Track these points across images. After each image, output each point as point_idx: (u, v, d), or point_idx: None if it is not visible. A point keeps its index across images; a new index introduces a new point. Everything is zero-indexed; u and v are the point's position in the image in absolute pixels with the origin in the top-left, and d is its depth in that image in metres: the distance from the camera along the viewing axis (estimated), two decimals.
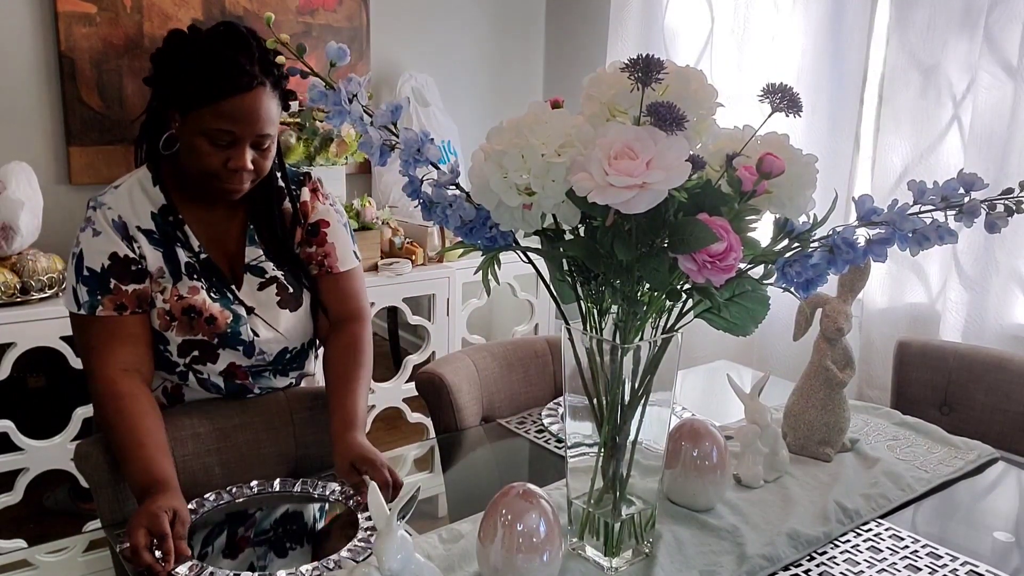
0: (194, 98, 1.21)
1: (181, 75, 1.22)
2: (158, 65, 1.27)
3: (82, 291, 1.25)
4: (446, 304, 2.87)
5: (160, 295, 1.29)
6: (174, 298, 1.29)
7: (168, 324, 1.29)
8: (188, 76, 1.21)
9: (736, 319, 0.94)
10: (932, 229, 0.89)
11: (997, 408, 1.67)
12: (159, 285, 1.29)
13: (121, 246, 1.26)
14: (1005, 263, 2.15)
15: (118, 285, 1.25)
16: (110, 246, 1.26)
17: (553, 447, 1.43)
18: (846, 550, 1.11)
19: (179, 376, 1.36)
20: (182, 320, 1.29)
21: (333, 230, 1.42)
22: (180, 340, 1.30)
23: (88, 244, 1.26)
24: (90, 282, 1.25)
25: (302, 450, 1.38)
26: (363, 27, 3.20)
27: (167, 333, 1.30)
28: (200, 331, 1.30)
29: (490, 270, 0.96)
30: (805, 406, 1.36)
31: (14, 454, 2.15)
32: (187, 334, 1.30)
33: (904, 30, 2.30)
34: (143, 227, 1.28)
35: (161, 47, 1.27)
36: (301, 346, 1.43)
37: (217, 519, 1.16)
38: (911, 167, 2.33)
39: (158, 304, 1.29)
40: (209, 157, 1.23)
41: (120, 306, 1.25)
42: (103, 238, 1.26)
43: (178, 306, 1.29)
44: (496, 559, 0.94)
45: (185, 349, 1.31)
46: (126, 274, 1.25)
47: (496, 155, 0.85)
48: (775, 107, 0.85)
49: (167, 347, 1.31)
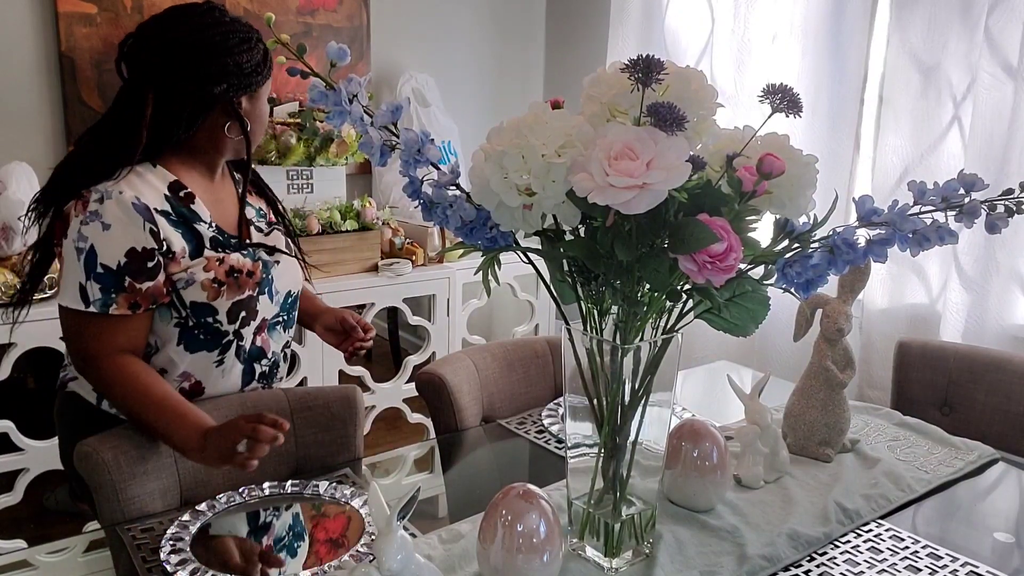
0: (266, 73, 1.34)
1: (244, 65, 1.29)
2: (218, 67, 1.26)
3: (93, 288, 1.21)
4: (446, 304, 2.88)
5: (195, 271, 1.28)
6: (215, 263, 1.29)
7: (217, 292, 1.29)
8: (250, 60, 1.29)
9: (736, 319, 0.94)
10: (932, 230, 0.89)
11: (997, 408, 1.67)
12: (180, 265, 1.27)
13: (139, 237, 1.22)
14: (1005, 263, 2.16)
15: (133, 283, 1.22)
16: (126, 240, 1.21)
17: (553, 448, 1.43)
18: (846, 551, 1.11)
19: (221, 350, 1.34)
20: (230, 283, 1.30)
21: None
22: (229, 304, 1.31)
23: (100, 239, 1.21)
24: (104, 279, 1.21)
25: (302, 450, 1.38)
26: (363, 27, 3.20)
27: (216, 302, 1.29)
28: (246, 288, 1.33)
29: (490, 270, 0.96)
30: (805, 406, 1.36)
31: (14, 454, 2.15)
32: (235, 295, 1.31)
33: (904, 30, 2.30)
34: (159, 209, 1.26)
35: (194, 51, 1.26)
36: (297, 294, 1.49)
37: (217, 520, 1.16)
38: (911, 167, 2.33)
39: (198, 279, 1.28)
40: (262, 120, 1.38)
41: (134, 304, 1.23)
42: (116, 231, 1.21)
43: (222, 271, 1.30)
44: (496, 559, 0.94)
45: (234, 313, 1.32)
46: (142, 271, 1.23)
47: (496, 155, 0.85)
48: (775, 107, 0.85)
49: (215, 317, 1.31)
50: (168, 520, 1.14)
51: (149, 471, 1.21)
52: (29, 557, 1.14)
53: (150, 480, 1.21)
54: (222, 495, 1.19)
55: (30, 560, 1.14)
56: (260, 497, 1.21)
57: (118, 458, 1.19)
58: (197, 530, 1.12)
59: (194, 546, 1.08)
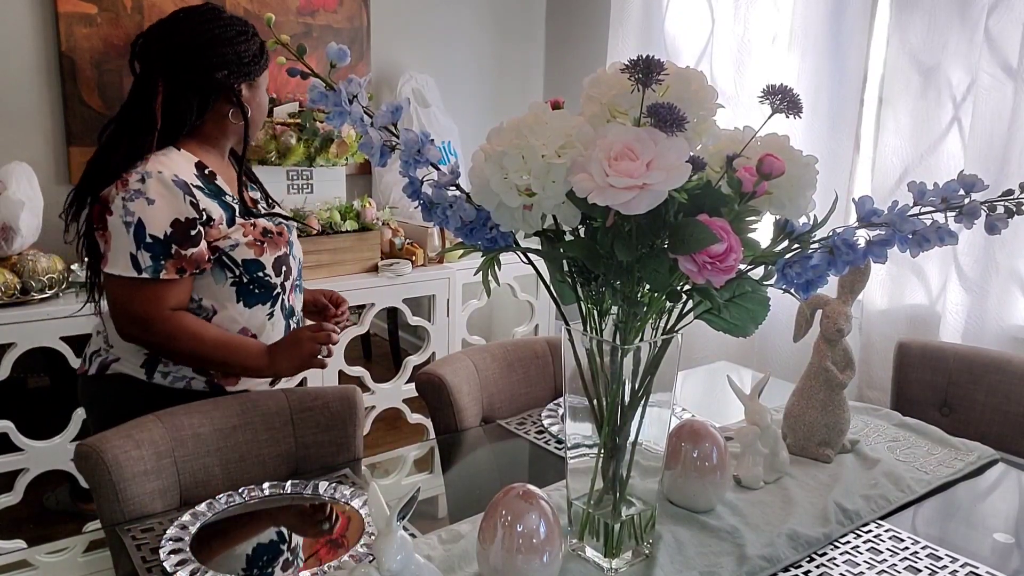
0: (263, 64, 1.48)
1: (242, 55, 1.44)
2: (219, 56, 1.42)
3: (144, 257, 1.35)
4: (446, 305, 2.88)
5: (236, 236, 1.43)
6: (250, 228, 1.46)
7: (262, 248, 1.46)
8: (248, 50, 1.45)
9: (736, 320, 0.94)
10: (932, 230, 0.89)
11: (997, 409, 1.67)
12: (220, 232, 1.42)
13: (181, 208, 1.37)
14: (1005, 264, 2.16)
15: (179, 250, 1.37)
16: (170, 212, 1.36)
17: (553, 448, 1.43)
18: (846, 551, 1.11)
19: (272, 302, 1.50)
20: (268, 241, 1.47)
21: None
22: (273, 258, 1.47)
23: (146, 213, 1.35)
24: (153, 248, 1.35)
25: (302, 450, 1.38)
26: (363, 28, 3.20)
27: (262, 257, 1.46)
28: (280, 245, 1.50)
29: (490, 271, 0.96)
30: (805, 407, 1.36)
31: (14, 454, 2.15)
32: (276, 251, 1.48)
33: (904, 30, 2.30)
34: (194, 184, 1.41)
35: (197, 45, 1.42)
36: (301, 263, 1.63)
37: (218, 520, 1.16)
38: (911, 168, 2.33)
39: (241, 240, 1.43)
40: (261, 107, 1.53)
41: (180, 269, 1.38)
42: (160, 205, 1.35)
43: (257, 232, 1.46)
44: (496, 560, 0.94)
45: (278, 266, 1.49)
46: (187, 239, 1.37)
47: (496, 156, 0.85)
48: (775, 108, 0.85)
49: (265, 272, 1.46)
50: (168, 520, 1.14)
51: (149, 471, 1.21)
52: (29, 557, 1.15)
53: (150, 480, 1.21)
54: (222, 495, 1.19)
55: (30, 560, 1.14)
56: (260, 497, 1.21)
57: (118, 458, 1.19)
58: (197, 530, 1.12)
59: (194, 546, 1.08)
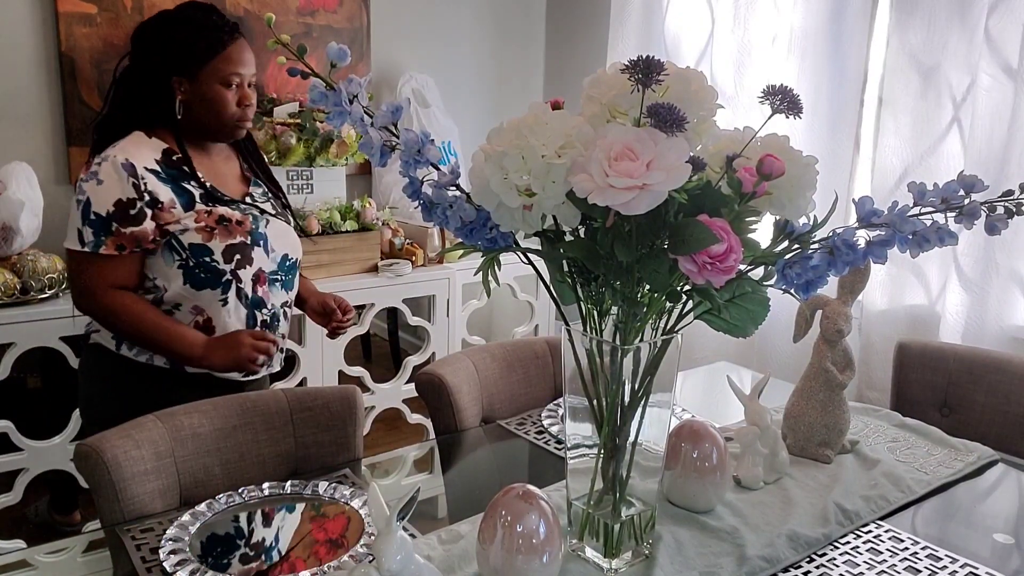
0: (204, 55, 1.49)
1: (183, 45, 1.49)
2: (152, 48, 1.52)
3: (87, 232, 1.45)
4: (446, 305, 2.88)
5: (187, 221, 1.49)
6: (205, 214, 1.51)
7: (211, 235, 1.50)
8: (190, 42, 1.49)
9: (736, 320, 0.94)
10: (932, 231, 0.89)
11: (997, 410, 1.67)
12: (172, 215, 1.48)
13: (125, 190, 1.45)
14: (1005, 265, 2.16)
15: (119, 228, 1.45)
16: (115, 193, 1.45)
17: (553, 448, 1.43)
18: (846, 552, 1.11)
19: (223, 288, 1.52)
20: (220, 228, 1.51)
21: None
22: (223, 246, 1.51)
23: (94, 192, 1.45)
24: (95, 224, 1.45)
25: (302, 450, 1.38)
26: (364, 28, 3.20)
27: (211, 243, 1.50)
28: (237, 233, 1.53)
29: (490, 271, 0.96)
30: (805, 408, 1.36)
31: (14, 454, 2.15)
32: (228, 239, 1.51)
33: (904, 31, 2.30)
34: (149, 167, 1.48)
35: (144, 34, 1.53)
36: (295, 261, 1.67)
37: (217, 520, 1.16)
38: (911, 168, 2.33)
39: (190, 226, 1.49)
40: (227, 102, 1.53)
41: (120, 246, 1.46)
42: (108, 185, 1.45)
43: (211, 219, 1.51)
44: (496, 560, 0.94)
45: (228, 254, 1.51)
46: (126, 218, 1.45)
47: (496, 156, 0.85)
48: (775, 108, 0.85)
49: (212, 257, 1.50)
50: (168, 520, 1.14)
51: (149, 471, 1.21)
52: (29, 557, 1.14)
53: (150, 480, 1.21)
54: (222, 495, 1.19)
55: (30, 560, 1.14)
56: (260, 497, 1.21)
57: (118, 458, 1.19)
58: (197, 530, 1.12)
59: (193, 546, 1.08)
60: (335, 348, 2.62)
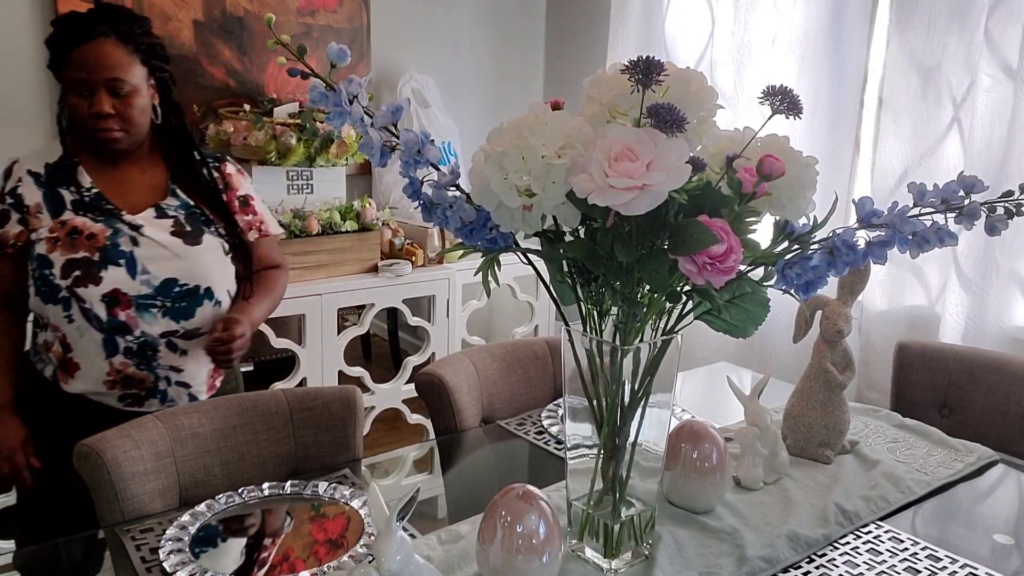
0: (55, 57, 1.41)
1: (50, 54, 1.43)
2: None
3: None
4: (446, 305, 2.88)
5: (43, 229, 1.42)
6: (58, 224, 1.43)
7: (54, 246, 1.41)
8: (49, 49, 1.42)
9: (736, 321, 0.94)
10: (932, 231, 0.89)
11: (997, 410, 1.67)
12: (39, 220, 1.43)
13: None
14: (1005, 265, 2.16)
15: None
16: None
17: (553, 448, 1.43)
18: (845, 552, 1.11)
19: (64, 306, 1.42)
20: (65, 240, 1.42)
21: (257, 202, 1.67)
22: (63, 260, 1.41)
23: None
24: None
25: (302, 450, 1.38)
26: (364, 28, 3.20)
27: (52, 255, 1.41)
28: (81, 247, 1.41)
29: (490, 271, 0.96)
30: (805, 408, 1.36)
31: None
32: (69, 253, 1.41)
33: (904, 31, 2.30)
34: (33, 171, 1.46)
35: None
36: (194, 288, 1.48)
37: (217, 520, 1.16)
38: (911, 169, 2.33)
39: (43, 235, 1.42)
40: (77, 109, 1.42)
41: None
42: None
43: (62, 230, 1.42)
44: (496, 560, 0.94)
45: (67, 270, 1.41)
46: None
47: (496, 156, 0.85)
48: (775, 109, 0.85)
49: (51, 271, 1.41)
50: (168, 520, 1.14)
51: (149, 471, 1.21)
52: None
53: (150, 480, 1.21)
54: (222, 495, 1.19)
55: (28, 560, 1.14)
56: (260, 497, 1.21)
57: (117, 458, 1.19)
58: (196, 530, 1.12)
59: (193, 547, 1.08)
60: (335, 348, 2.63)
